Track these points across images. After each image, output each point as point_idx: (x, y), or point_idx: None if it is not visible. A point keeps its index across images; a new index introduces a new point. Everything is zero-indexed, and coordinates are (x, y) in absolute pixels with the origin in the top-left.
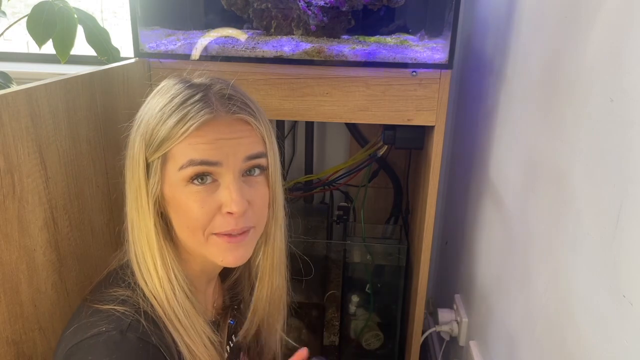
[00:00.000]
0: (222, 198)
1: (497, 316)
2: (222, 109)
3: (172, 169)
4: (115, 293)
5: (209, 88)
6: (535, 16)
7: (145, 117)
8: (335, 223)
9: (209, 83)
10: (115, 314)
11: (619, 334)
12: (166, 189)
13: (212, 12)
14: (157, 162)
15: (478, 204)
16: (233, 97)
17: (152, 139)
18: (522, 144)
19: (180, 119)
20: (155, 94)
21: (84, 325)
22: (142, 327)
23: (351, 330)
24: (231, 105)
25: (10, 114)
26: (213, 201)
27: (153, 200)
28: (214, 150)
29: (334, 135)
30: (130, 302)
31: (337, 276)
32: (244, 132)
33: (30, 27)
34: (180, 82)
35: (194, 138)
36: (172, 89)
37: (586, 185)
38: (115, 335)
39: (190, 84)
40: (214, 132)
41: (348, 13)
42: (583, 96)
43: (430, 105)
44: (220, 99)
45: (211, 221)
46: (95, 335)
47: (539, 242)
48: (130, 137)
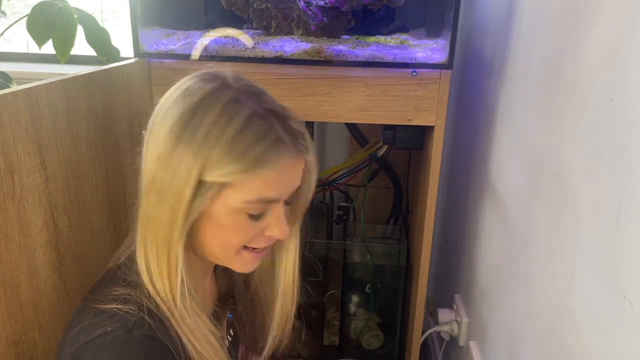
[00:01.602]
0: (271, 225)
1: (497, 316)
2: (295, 150)
3: (233, 197)
4: (117, 292)
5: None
6: (535, 16)
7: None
8: (335, 223)
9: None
10: (119, 313)
11: (619, 334)
12: (216, 209)
13: (212, 12)
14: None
15: (478, 204)
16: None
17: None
18: (522, 144)
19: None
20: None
21: (88, 326)
22: (147, 325)
23: (351, 330)
24: (300, 145)
25: (10, 114)
26: (258, 227)
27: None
28: (281, 187)
29: (334, 135)
30: (132, 300)
31: (337, 276)
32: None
33: (30, 27)
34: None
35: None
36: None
37: (586, 185)
38: (122, 334)
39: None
40: (285, 171)
41: (348, 13)
42: (583, 96)
43: (430, 105)
44: (292, 138)
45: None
46: (102, 336)
47: (539, 242)
48: (166, 142)
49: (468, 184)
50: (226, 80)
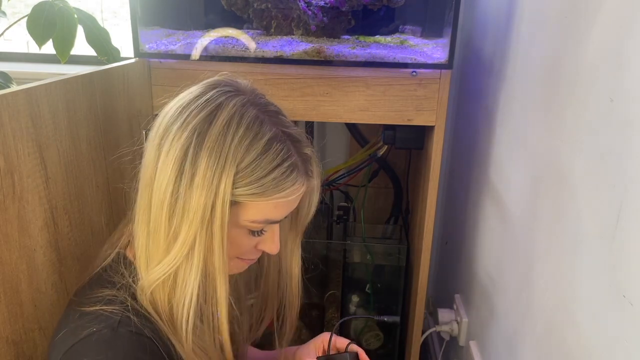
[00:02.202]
0: (265, 241)
1: (497, 316)
2: (305, 178)
3: (242, 214)
4: (101, 293)
5: (293, 144)
6: (535, 16)
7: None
8: (335, 223)
9: (295, 136)
10: (103, 314)
11: (619, 334)
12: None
13: (212, 12)
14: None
15: (478, 204)
16: (309, 159)
17: (235, 185)
18: (521, 144)
19: (275, 185)
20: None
21: (73, 329)
22: (133, 322)
23: (351, 330)
24: (309, 171)
25: (10, 114)
26: (254, 242)
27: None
28: (287, 211)
29: (334, 135)
30: (117, 301)
31: (337, 276)
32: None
33: (30, 27)
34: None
35: (279, 204)
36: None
37: (586, 185)
38: (107, 332)
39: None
40: (293, 197)
41: (348, 13)
42: (583, 96)
43: (430, 105)
44: (303, 164)
45: (243, 254)
46: (87, 337)
47: (539, 242)
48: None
49: (468, 184)
50: (246, 94)
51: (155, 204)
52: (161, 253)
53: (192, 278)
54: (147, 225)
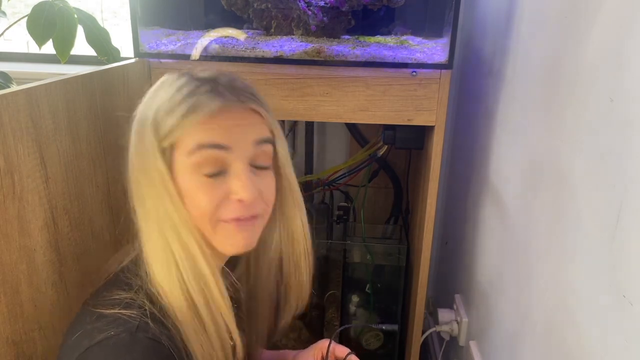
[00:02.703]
0: (232, 186)
1: (497, 316)
2: (232, 97)
3: (181, 156)
4: (119, 296)
5: (216, 80)
6: (535, 16)
7: (151, 109)
8: (335, 223)
9: (215, 76)
10: (122, 317)
11: (619, 334)
12: (179, 178)
13: (212, 12)
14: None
15: (478, 204)
16: (241, 87)
17: (163, 129)
18: (522, 144)
19: (191, 107)
20: (158, 88)
21: (90, 330)
22: (151, 329)
23: (351, 331)
24: (240, 94)
25: (10, 114)
26: (221, 189)
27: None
28: (223, 134)
29: (334, 135)
30: (135, 305)
31: (337, 276)
32: (254, 118)
33: (30, 27)
34: (185, 75)
35: (204, 124)
36: (177, 81)
37: (586, 185)
38: (125, 337)
39: (197, 77)
40: (224, 119)
41: (348, 13)
42: (583, 96)
43: (430, 105)
44: (230, 89)
45: (218, 209)
46: (105, 340)
47: (539, 242)
48: (134, 134)
49: (468, 184)
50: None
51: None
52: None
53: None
54: (140, 213)
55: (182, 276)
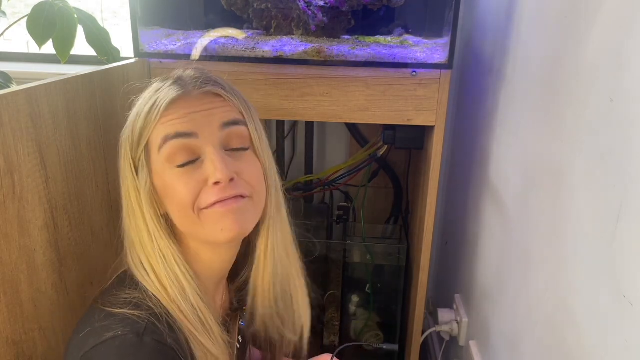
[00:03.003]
0: (207, 170)
1: (497, 316)
2: (190, 85)
3: (154, 155)
4: (127, 296)
5: (181, 75)
6: (535, 16)
7: (129, 121)
8: (335, 223)
9: (182, 72)
10: (130, 318)
11: (619, 334)
12: (155, 180)
13: (212, 12)
14: (142, 157)
15: (478, 204)
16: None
17: (134, 136)
18: (522, 144)
19: (152, 105)
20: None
21: (98, 329)
22: (158, 330)
23: (351, 330)
24: (199, 82)
25: (10, 114)
26: (198, 176)
27: (147, 198)
28: (186, 122)
29: (334, 135)
30: (144, 305)
31: (337, 276)
32: (216, 103)
33: (30, 27)
34: (160, 79)
35: (166, 117)
36: (149, 87)
37: (586, 185)
38: (132, 338)
39: (165, 76)
40: (184, 108)
41: (348, 13)
42: (583, 96)
43: (430, 105)
44: (190, 79)
45: (199, 197)
46: (112, 339)
47: (539, 241)
48: (119, 145)
49: (468, 184)
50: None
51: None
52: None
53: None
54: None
55: (163, 285)
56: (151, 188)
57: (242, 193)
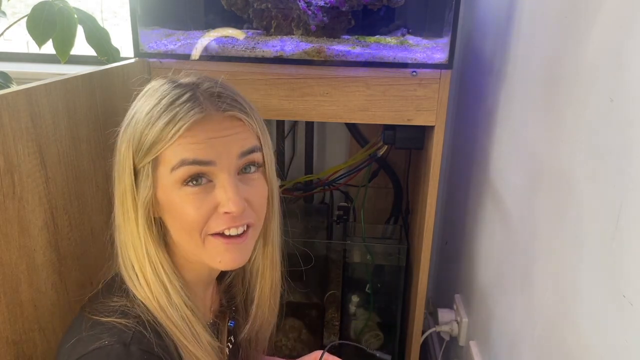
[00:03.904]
0: (219, 198)
1: (497, 316)
2: (212, 107)
3: (164, 171)
4: (115, 303)
5: (197, 87)
6: (535, 16)
7: (132, 122)
8: (335, 223)
9: (197, 82)
10: (117, 326)
11: (619, 334)
12: (160, 194)
13: (212, 12)
14: (147, 167)
15: (478, 204)
16: (222, 94)
17: (141, 144)
18: (522, 144)
19: (170, 120)
20: (141, 97)
21: (85, 338)
22: (146, 339)
23: (351, 330)
24: (221, 102)
25: (10, 114)
26: (209, 202)
27: (144, 206)
28: (206, 149)
29: (334, 135)
30: (131, 313)
31: (337, 276)
32: (236, 128)
33: (30, 27)
34: (167, 83)
35: (185, 138)
36: (158, 90)
37: (586, 185)
38: (119, 348)
39: (177, 84)
40: (205, 131)
41: (348, 13)
42: (583, 96)
43: (430, 105)
44: (210, 97)
45: (207, 222)
46: (98, 349)
47: (539, 242)
48: (117, 142)
49: (468, 184)
50: (177, 79)
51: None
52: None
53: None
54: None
55: (152, 291)
56: (151, 197)
57: (249, 222)
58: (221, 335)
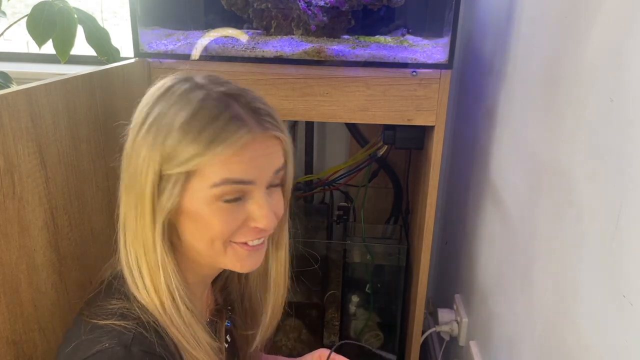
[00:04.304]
0: (252, 213)
1: (497, 316)
2: (258, 127)
3: (200, 185)
4: (114, 306)
5: (235, 99)
6: (535, 16)
7: (159, 126)
8: (335, 223)
9: (234, 92)
10: (116, 329)
11: (619, 334)
12: (188, 203)
13: (212, 12)
14: (179, 177)
15: (478, 204)
16: (261, 110)
17: (175, 154)
18: (522, 144)
19: (214, 139)
20: (160, 98)
21: (84, 342)
22: (146, 340)
23: (351, 330)
24: (264, 122)
25: (10, 114)
26: (240, 216)
27: (163, 212)
28: (250, 169)
29: (334, 135)
30: (130, 315)
31: (337, 276)
32: (275, 147)
33: (30, 27)
34: (197, 89)
35: (231, 157)
36: (189, 98)
37: (586, 185)
38: (120, 350)
39: (208, 93)
40: (250, 151)
41: (348, 13)
42: (583, 96)
43: (430, 105)
44: (252, 115)
45: (234, 233)
46: (99, 353)
47: (539, 242)
48: (130, 140)
49: (468, 184)
50: (194, 77)
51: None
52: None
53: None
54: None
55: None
56: (175, 206)
57: (271, 233)
58: (219, 334)
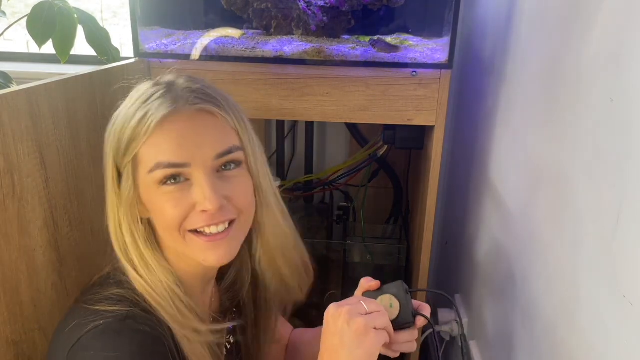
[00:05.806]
0: (195, 196)
1: (497, 316)
2: (182, 101)
3: (142, 172)
4: (109, 292)
5: (173, 84)
6: (535, 16)
7: (112, 120)
8: (335, 223)
9: (174, 79)
10: (111, 310)
11: (619, 334)
12: (141, 192)
13: (212, 12)
14: (128, 167)
15: (478, 203)
16: (195, 88)
17: (120, 144)
18: (522, 144)
19: (142, 117)
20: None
21: (80, 324)
22: (140, 317)
23: None
24: (192, 97)
25: (10, 114)
26: (187, 200)
27: (126, 206)
28: (179, 150)
29: (334, 135)
30: (125, 299)
31: (337, 276)
32: (209, 127)
33: (30, 27)
34: (147, 83)
35: (157, 137)
36: (139, 90)
37: (586, 185)
38: (114, 322)
39: (155, 82)
40: (176, 129)
41: (348, 13)
42: (583, 96)
43: (430, 105)
44: (182, 92)
45: (185, 219)
46: (94, 328)
47: (539, 241)
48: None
49: (468, 184)
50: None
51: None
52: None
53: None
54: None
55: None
56: (134, 198)
57: (230, 218)
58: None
